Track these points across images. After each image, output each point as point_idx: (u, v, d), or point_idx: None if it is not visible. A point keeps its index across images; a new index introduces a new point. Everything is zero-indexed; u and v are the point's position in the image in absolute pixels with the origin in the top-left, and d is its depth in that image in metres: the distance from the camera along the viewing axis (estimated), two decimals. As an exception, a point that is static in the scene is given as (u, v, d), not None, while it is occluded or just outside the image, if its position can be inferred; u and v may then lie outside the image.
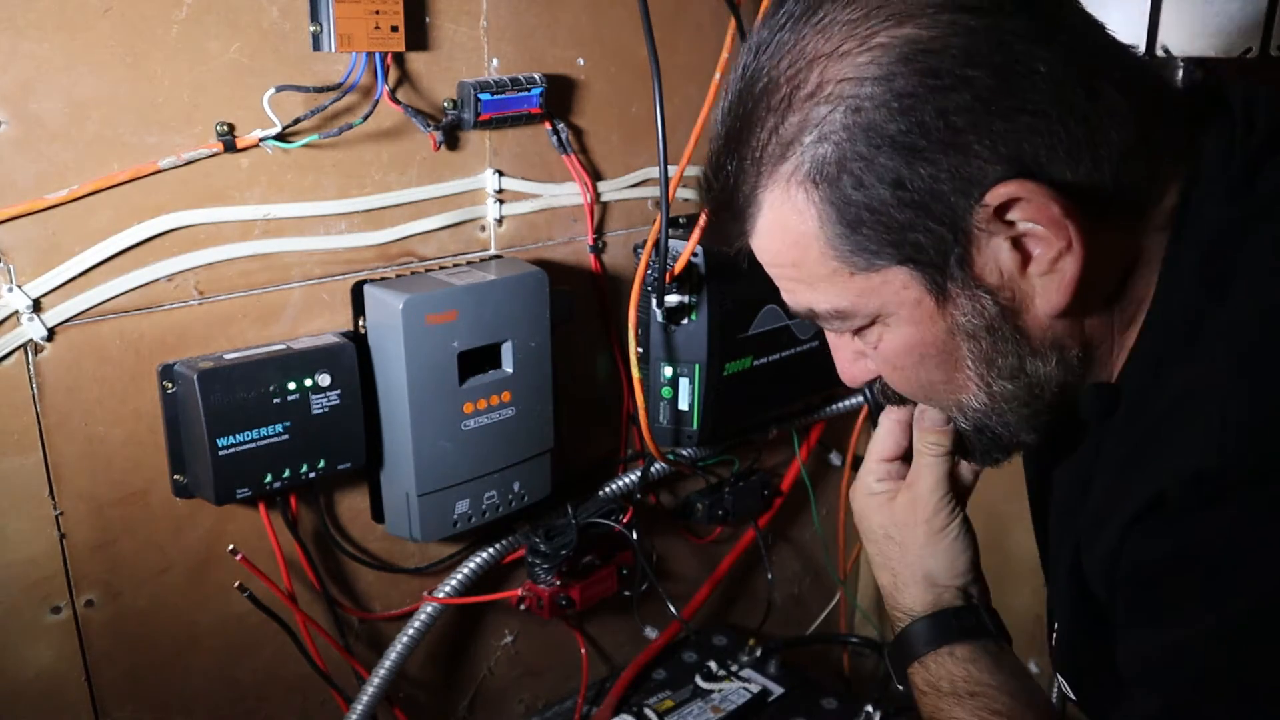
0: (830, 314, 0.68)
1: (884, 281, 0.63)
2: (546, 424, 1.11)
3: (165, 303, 0.92)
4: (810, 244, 0.64)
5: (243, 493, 0.92)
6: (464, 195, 1.09)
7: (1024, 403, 0.66)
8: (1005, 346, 0.64)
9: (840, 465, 1.60)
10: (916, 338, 0.65)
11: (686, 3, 1.22)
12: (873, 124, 0.58)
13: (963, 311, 0.63)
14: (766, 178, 0.64)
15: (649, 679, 1.34)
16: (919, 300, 0.63)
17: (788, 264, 0.67)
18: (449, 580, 1.12)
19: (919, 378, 0.69)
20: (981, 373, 0.65)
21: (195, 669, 1.02)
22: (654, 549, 1.39)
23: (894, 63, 0.58)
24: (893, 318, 0.65)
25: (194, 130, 0.90)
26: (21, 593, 0.90)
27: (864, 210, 0.60)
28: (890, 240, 0.61)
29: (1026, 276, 0.61)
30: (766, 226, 0.66)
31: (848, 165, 0.60)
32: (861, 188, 0.60)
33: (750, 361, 1.25)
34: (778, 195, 0.64)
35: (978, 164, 0.58)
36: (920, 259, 0.61)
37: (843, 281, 0.64)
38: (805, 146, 0.61)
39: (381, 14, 0.93)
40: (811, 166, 0.61)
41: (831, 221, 0.62)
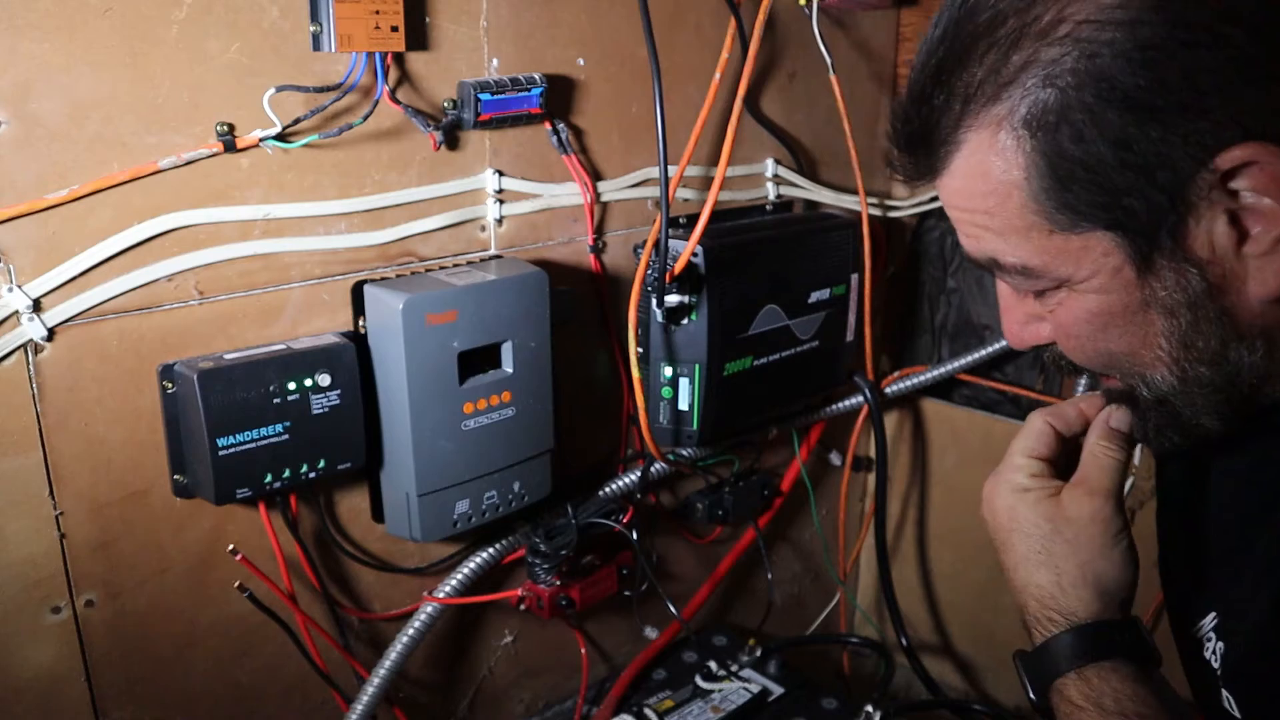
0: (1016, 268, 0.63)
1: (1084, 245, 0.59)
2: (546, 424, 1.11)
3: (165, 303, 0.92)
4: (1011, 194, 0.59)
5: (243, 493, 0.92)
6: (464, 195, 1.09)
7: (1218, 389, 0.61)
8: (1207, 328, 0.59)
9: (840, 465, 1.60)
10: (1106, 306, 0.61)
11: (686, 3, 1.22)
12: (1107, 74, 0.54)
13: (1164, 285, 0.59)
14: (974, 117, 0.59)
15: (649, 679, 1.34)
16: (1118, 268, 0.59)
17: (979, 210, 0.62)
18: (449, 580, 1.12)
19: (1099, 348, 0.64)
20: (1176, 355, 0.61)
21: (195, 669, 1.02)
22: (654, 549, 1.39)
23: (1145, 8, 0.53)
24: (1084, 283, 0.61)
25: (194, 130, 0.90)
26: (21, 593, 0.90)
27: (1079, 167, 0.56)
28: (1102, 202, 0.57)
29: (1241, 255, 0.57)
30: (964, 168, 0.61)
31: (1070, 116, 0.55)
32: (1081, 142, 0.55)
33: (750, 361, 1.25)
34: (984, 137, 0.59)
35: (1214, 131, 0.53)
36: (1130, 225, 0.57)
37: (1038, 238, 0.60)
38: (1026, 89, 0.56)
39: (381, 14, 0.93)
40: (1029, 112, 0.57)
41: (1040, 174, 0.58)
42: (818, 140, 1.42)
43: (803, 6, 1.30)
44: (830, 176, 1.45)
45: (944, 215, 1.63)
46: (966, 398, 1.62)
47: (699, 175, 1.28)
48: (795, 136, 1.39)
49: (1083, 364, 0.68)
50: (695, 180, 1.29)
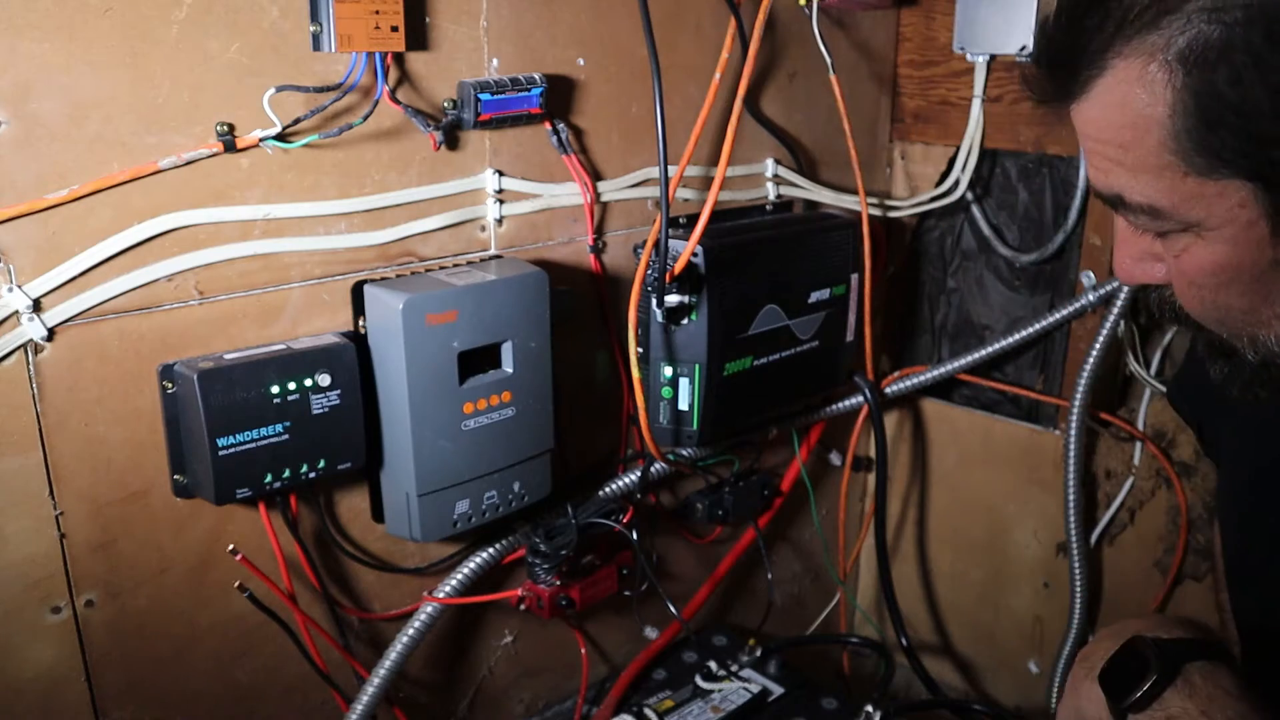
0: (1142, 207, 0.60)
1: (1220, 193, 0.56)
2: (546, 424, 1.11)
3: (165, 303, 0.92)
4: (1151, 129, 0.56)
5: (243, 493, 0.92)
6: (464, 195, 1.09)
7: None
8: None
9: (840, 465, 1.60)
10: (1234, 259, 0.58)
11: (686, 3, 1.22)
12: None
13: None
14: (1127, 42, 0.55)
15: (649, 679, 1.34)
16: (1252, 222, 0.56)
17: (1114, 143, 0.59)
18: (449, 580, 1.12)
19: (1218, 300, 0.61)
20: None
21: (195, 669, 1.02)
22: (654, 549, 1.39)
23: None
24: (1213, 233, 0.58)
25: (194, 130, 0.90)
26: (21, 593, 0.90)
27: (1230, 111, 0.53)
28: (1248, 150, 0.53)
29: None
30: (1104, 96, 0.58)
31: (1232, 55, 0.52)
32: (1238, 85, 0.52)
33: (750, 361, 1.25)
34: (1134, 67, 0.55)
35: None
36: (1273, 178, 0.54)
37: (1171, 179, 0.57)
38: (1189, 20, 0.53)
39: (381, 14, 0.93)
40: (1188, 45, 0.53)
41: (1187, 113, 0.54)
42: (818, 140, 1.42)
43: (803, 6, 1.30)
44: (830, 176, 1.45)
45: (944, 215, 1.64)
46: (966, 398, 1.62)
47: (699, 175, 1.28)
48: (795, 136, 1.39)
49: (1197, 316, 0.65)
50: (695, 180, 1.29)
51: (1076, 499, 1.45)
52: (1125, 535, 1.51)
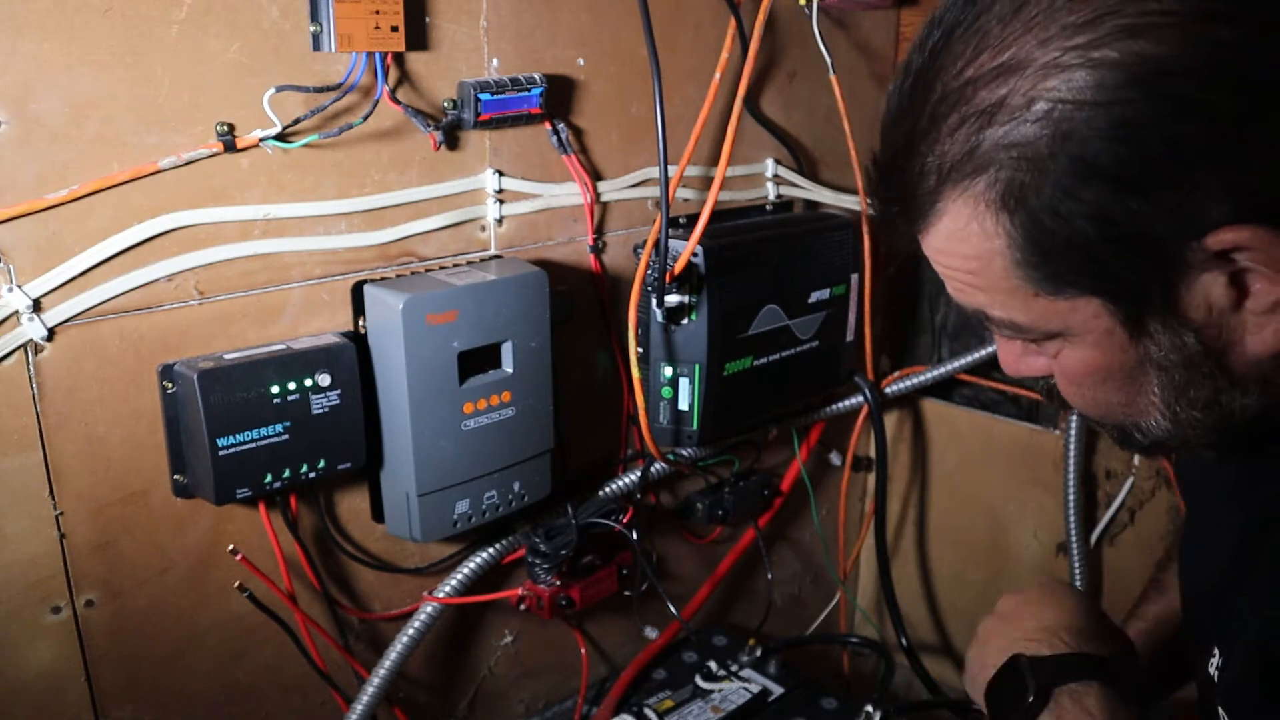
0: (1004, 323, 0.62)
1: (1072, 308, 0.58)
2: (546, 424, 1.11)
3: (165, 303, 0.92)
4: (994, 259, 0.58)
5: (243, 493, 0.92)
6: (464, 195, 1.09)
7: (1211, 429, 0.60)
8: (1201, 381, 0.58)
9: (840, 465, 1.60)
10: (1101, 362, 0.60)
11: (686, 3, 1.22)
12: (1085, 154, 0.51)
13: (1159, 346, 0.57)
14: (952, 188, 0.57)
15: (649, 679, 1.34)
16: (1110, 330, 0.58)
17: (963, 270, 0.61)
18: (449, 580, 1.12)
19: (1096, 398, 0.64)
20: (1169, 401, 0.60)
21: (195, 669, 1.02)
22: (654, 549, 1.39)
23: (1122, 85, 0.50)
24: (1075, 340, 0.60)
25: (194, 130, 0.90)
26: (21, 593, 0.90)
27: (1060, 241, 0.54)
28: (1087, 271, 0.55)
29: (1240, 311, 0.55)
30: (945, 234, 0.60)
31: (1048, 193, 0.53)
32: (1060, 218, 0.53)
33: (750, 361, 1.25)
34: (963, 209, 0.57)
35: (1202, 201, 0.51)
36: (1117, 292, 0.56)
37: (1024, 299, 0.59)
38: (1001, 166, 0.54)
39: (381, 14, 0.93)
40: (1007, 190, 0.55)
41: (1021, 247, 0.56)
42: (818, 140, 1.42)
43: (803, 6, 1.30)
44: (830, 176, 1.45)
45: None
46: (966, 398, 1.62)
47: (699, 175, 1.28)
48: (795, 136, 1.39)
49: (1081, 411, 0.67)
50: (695, 180, 1.29)
51: (1076, 499, 1.45)
52: (1125, 535, 1.51)
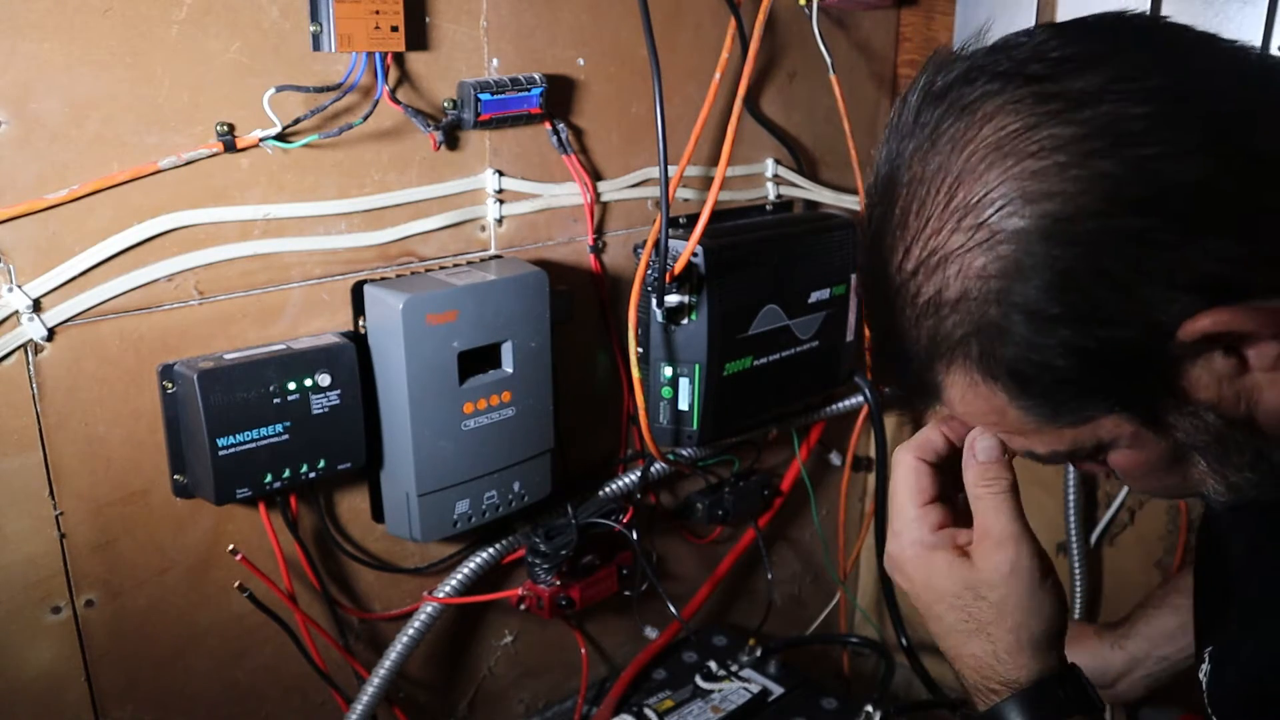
0: (1052, 456, 0.64)
1: (1095, 426, 0.60)
2: (546, 424, 1.11)
3: (165, 303, 0.92)
4: (1005, 412, 0.61)
5: (243, 493, 0.92)
6: (464, 195, 1.09)
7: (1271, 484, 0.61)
8: (1239, 447, 0.59)
9: (840, 465, 1.60)
10: (1143, 458, 0.62)
11: (686, 3, 1.22)
12: (1036, 312, 0.54)
13: (1184, 431, 0.59)
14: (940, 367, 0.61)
15: (649, 679, 1.34)
16: (1135, 433, 0.60)
17: (991, 424, 0.64)
18: (449, 580, 1.12)
19: (1154, 485, 0.66)
20: (1218, 470, 0.61)
21: (195, 669, 1.02)
22: (654, 549, 1.39)
23: (1034, 244, 0.53)
24: (1114, 449, 0.62)
25: (194, 130, 0.90)
26: (21, 593, 0.90)
27: (1051, 383, 0.57)
28: (1090, 398, 0.58)
29: (1248, 374, 0.57)
30: (955, 400, 0.62)
31: (1023, 354, 0.56)
32: (1044, 368, 0.56)
33: (750, 361, 1.25)
34: (958, 379, 0.60)
35: (1161, 305, 0.53)
36: (1126, 403, 0.58)
37: (1050, 433, 0.61)
38: (973, 345, 0.58)
39: (381, 14, 0.93)
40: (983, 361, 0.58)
41: (1021, 397, 0.59)
42: (818, 140, 1.42)
43: (803, 6, 1.30)
44: (830, 176, 1.45)
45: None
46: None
47: (699, 175, 1.28)
48: (795, 136, 1.39)
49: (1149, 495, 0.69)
50: (695, 180, 1.29)
51: (1076, 499, 1.45)
52: (1125, 535, 1.51)
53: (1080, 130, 0.52)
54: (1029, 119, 0.53)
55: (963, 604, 0.71)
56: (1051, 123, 0.53)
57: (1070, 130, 0.52)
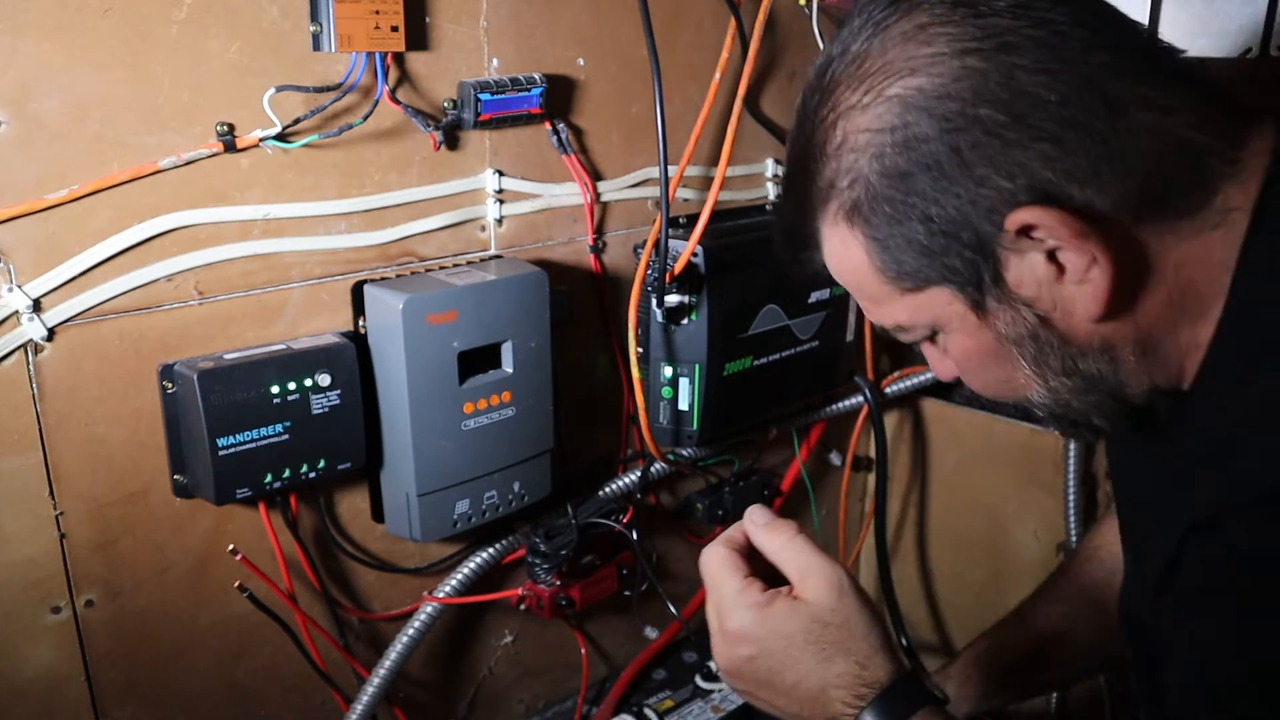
0: (895, 328, 0.74)
1: (930, 299, 0.69)
2: (546, 424, 1.11)
3: (165, 303, 0.92)
4: (864, 271, 0.70)
5: (243, 493, 0.92)
6: (464, 195, 1.09)
7: (1084, 392, 0.69)
8: (1051, 350, 0.68)
9: (840, 465, 1.60)
10: (972, 345, 0.71)
11: (686, 3, 1.22)
12: (894, 167, 0.64)
13: (1004, 322, 0.68)
14: (818, 217, 0.71)
15: (649, 679, 1.34)
16: (963, 314, 0.69)
17: (853, 286, 0.74)
18: (449, 580, 1.12)
19: (985, 379, 0.74)
20: (1037, 372, 0.69)
21: (195, 669, 1.02)
22: (654, 549, 1.39)
23: (906, 111, 0.63)
24: (947, 328, 0.71)
25: (194, 130, 0.90)
26: (21, 593, 0.90)
27: (900, 240, 0.66)
28: (928, 264, 0.67)
29: (1064, 284, 0.65)
30: (828, 256, 0.74)
31: (879, 205, 0.66)
32: (895, 223, 0.66)
33: (750, 361, 1.25)
34: (829, 231, 0.71)
35: (996, 192, 0.62)
36: (957, 279, 0.66)
37: (898, 300, 0.70)
38: (842, 190, 0.68)
39: (381, 14, 0.93)
40: (851, 208, 0.68)
41: (875, 252, 0.68)
42: (818, 140, 1.42)
43: (803, 6, 1.30)
44: (830, 176, 1.45)
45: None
46: (966, 398, 1.62)
47: (699, 175, 1.28)
48: (795, 136, 1.39)
49: (982, 393, 0.77)
50: (695, 180, 1.29)
51: (1076, 499, 1.45)
52: (1125, 535, 1.51)
53: (974, 33, 0.62)
54: (939, 18, 0.63)
55: (815, 636, 0.75)
56: (954, 24, 0.63)
57: (966, 31, 0.62)
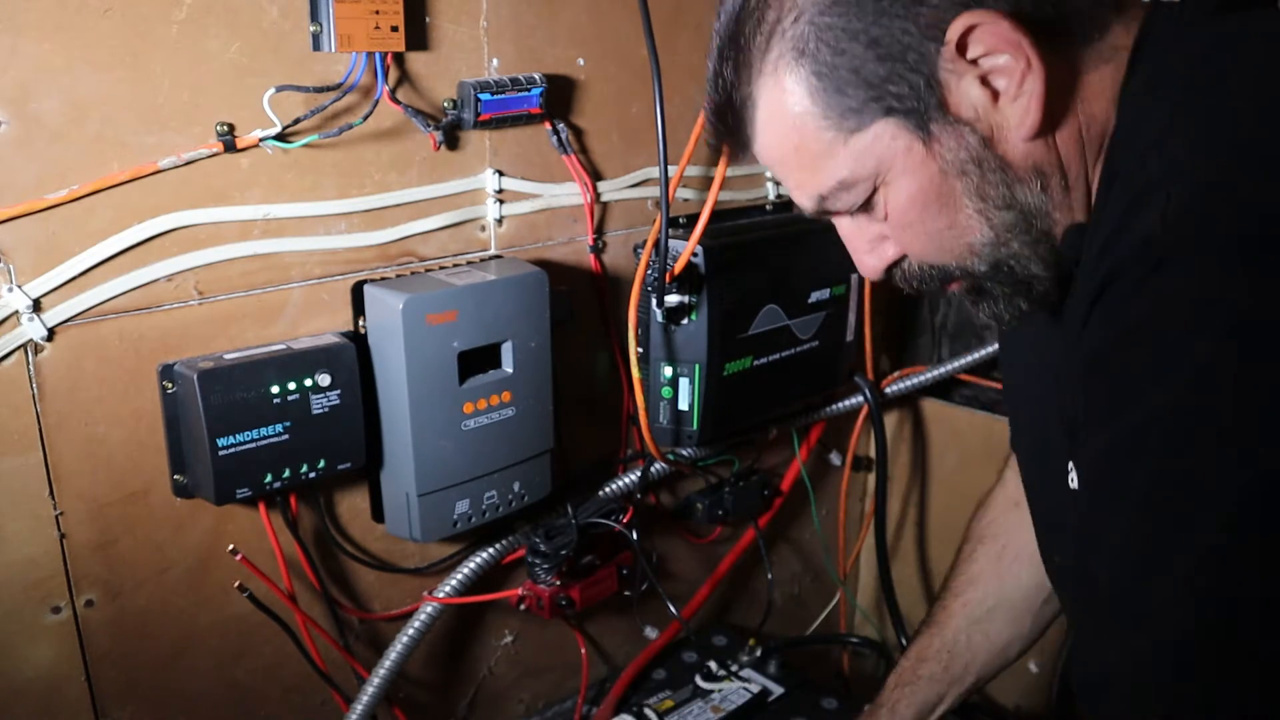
0: (837, 189, 0.72)
1: (875, 137, 0.69)
2: (546, 424, 1.11)
3: (165, 303, 0.92)
4: (806, 121, 0.70)
5: (243, 493, 0.92)
6: (464, 195, 1.09)
7: (1024, 229, 0.70)
8: (993, 176, 0.69)
9: (840, 465, 1.60)
10: (916, 186, 0.70)
11: (686, 3, 1.22)
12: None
13: (948, 148, 0.68)
14: (757, 71, 0.71)
15: (649, 679, 1.34)
16: (909, 147, 0.69)
17: (790, 150, 0.72)
18: (449, 580, 1.12)
19: (929, 229, 0.73)
20: (980, 207, 0.70)
21: (195, 669, 1.02)
22: (654, 549, 1.39)
23: None
24: (891, 173, 0.70)
25: (194, 130, 0.90)
26: (21, 593, 0.90)
27: (845, 71, 0.67)
28: (873, 95, 0.67)
29: (999, 108, 0.67)
30: (766, 119, 0.72)
31: (824, 36, 0.67)
32: (840, 53, 0.67)
33: (750, 361, 1.25)
34: (769, 83, 0.71)
35: (935, 12, 0.65)
36: (901, 106, 0.67)
37: (840, 151, 0.70)
38: (785, 30, 0.68)
39: (381, 14, 0.93)
40: (794, 46, 0.68)
41: (819, 91, 0.69)
42: (818, 140, 1.42)
43: (803, 6, 1.29)
44: (830, 176, 1.45)
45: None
46: (966, 398, 1.62)
47: (699, 175, 1.28)
48: (795, 136, 1.39)
49: (923, 253, 0.75)
50: (695, 180, 1.29)
51: (1076, 499, 1.45)
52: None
53: None
54: None
55: None
56: None
57: None
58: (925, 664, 1.07)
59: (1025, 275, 0.72)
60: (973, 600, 1.07)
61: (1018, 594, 1.05)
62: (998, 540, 1.08)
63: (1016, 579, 1.05)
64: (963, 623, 1.07)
